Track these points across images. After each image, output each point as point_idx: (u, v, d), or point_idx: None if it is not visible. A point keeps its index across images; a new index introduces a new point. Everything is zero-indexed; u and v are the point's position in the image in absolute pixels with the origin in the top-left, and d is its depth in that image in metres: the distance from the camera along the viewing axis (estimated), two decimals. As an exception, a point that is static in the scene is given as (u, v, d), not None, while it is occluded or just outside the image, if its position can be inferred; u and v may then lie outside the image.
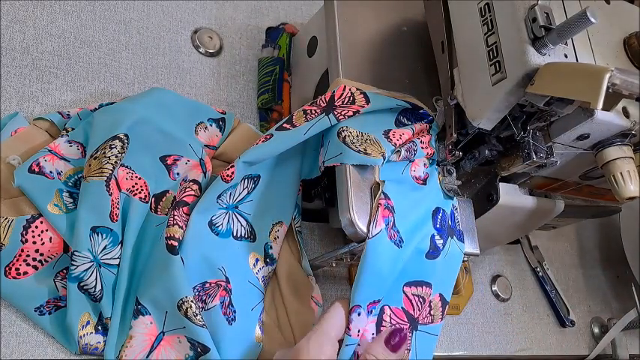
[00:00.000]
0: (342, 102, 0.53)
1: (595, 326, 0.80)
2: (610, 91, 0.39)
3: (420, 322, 0.52)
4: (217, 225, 0.54)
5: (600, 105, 0.39)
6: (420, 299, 0.52)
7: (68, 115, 0.55)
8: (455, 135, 0.52)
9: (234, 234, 0.55)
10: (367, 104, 0.53)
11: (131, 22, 0.64)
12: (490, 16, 0.48)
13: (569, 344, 0.77)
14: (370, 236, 0.48)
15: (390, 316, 0.50)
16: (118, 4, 0.64)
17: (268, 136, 0.53)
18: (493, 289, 0.74)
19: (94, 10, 0.62)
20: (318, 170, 0.54)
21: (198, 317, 0.49)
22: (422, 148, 0.54)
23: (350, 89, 0.53)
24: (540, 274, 0.78)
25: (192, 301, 0.49)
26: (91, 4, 0.62)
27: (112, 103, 0.56)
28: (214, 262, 0.52)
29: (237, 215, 0.55)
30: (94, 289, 0.49)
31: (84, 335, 0.48)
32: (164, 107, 0.56)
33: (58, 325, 0.49)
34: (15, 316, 0.49)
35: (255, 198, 0.56)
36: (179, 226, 0.51)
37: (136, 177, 0.53)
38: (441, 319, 0.53)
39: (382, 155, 0.50)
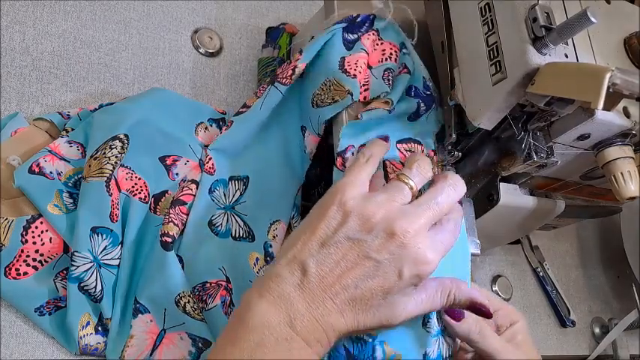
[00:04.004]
0: (282, 69, 0.54)
1: (596, 326, 0.80)
2: (610, 90, 0.39)
3: None
4: (217, 225, 0.54)
5: (601, 105, 0.39)
6: None
7: (68, 115, 0.55)
8: (454, 135, 0.52)
9: (233, 234, 0.55)
10: (300, 55, 0.53)
11: (131, 22, 0.64)
12: (490, 15, 0.47)
13: (570, 344, 0.77)
14: None
15: None
16: (118, 4, 0.64)
17: (230, 123, 0.56)
18: (494, 289, 0.74)
19: (94, 10, 0.62)
20: (308, 159, 0.55)
21: (197, 311, 0.49)
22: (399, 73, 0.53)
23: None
24: (541, 274, 0.78)
25: (189, 296, 0.49)
26: (91, 4, 0.62)
27: (112, 104, 0.56)
28: (214, 262, 0.52)
29: (234, 216, 0.55)
30: (94, 289, 0.49)
31: (84, 336, 0.48)
32: (164, 107, 0.56)
33: (58, 325, 0.49)
34: (15, 317, 0.49)
35: (248, 199, 0.56)
36: (174, 224, 0.51)
37: (136, 177, 0.53)
38: None
39: (348, 93, 0.50)
